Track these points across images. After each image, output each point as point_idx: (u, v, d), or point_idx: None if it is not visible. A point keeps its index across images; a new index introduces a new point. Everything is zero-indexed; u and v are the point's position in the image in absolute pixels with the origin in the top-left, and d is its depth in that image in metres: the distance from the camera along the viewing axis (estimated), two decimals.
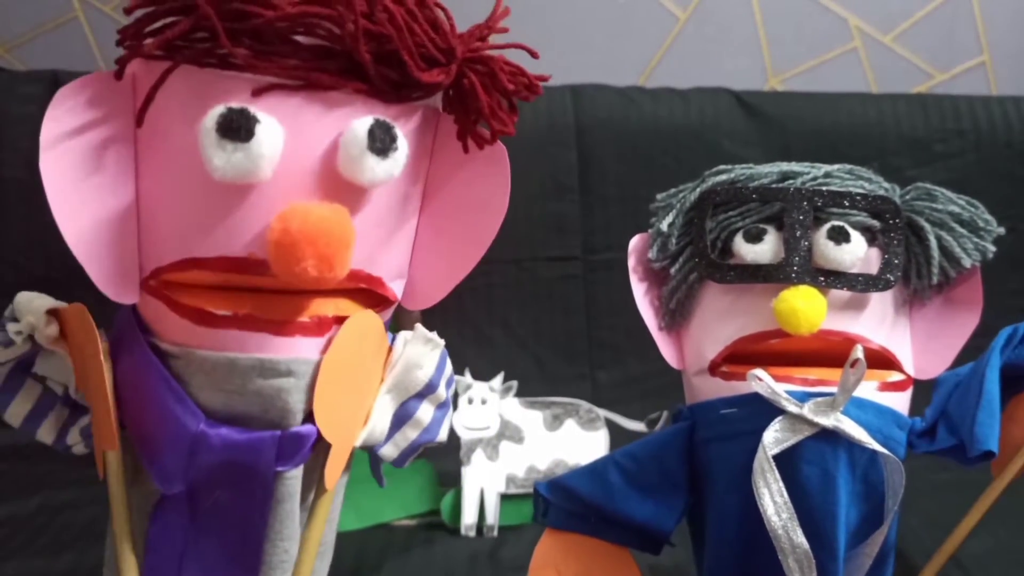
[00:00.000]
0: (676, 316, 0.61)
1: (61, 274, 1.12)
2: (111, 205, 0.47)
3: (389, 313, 0.55)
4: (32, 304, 0.49)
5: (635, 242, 0.63)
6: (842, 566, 0.52)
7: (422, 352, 0.53)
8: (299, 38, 0.46)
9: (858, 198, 0.57)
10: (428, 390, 0.54)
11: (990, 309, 0.59)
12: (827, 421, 0.51)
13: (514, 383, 0.92)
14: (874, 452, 0.52)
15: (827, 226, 0.56)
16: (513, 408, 0.91)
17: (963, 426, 0.53)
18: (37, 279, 1.11)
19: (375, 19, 0.46)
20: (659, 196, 0.63)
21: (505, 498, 0.88)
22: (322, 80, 0.46)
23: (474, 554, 0.82)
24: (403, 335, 0.54)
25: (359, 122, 0.46)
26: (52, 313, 0.49)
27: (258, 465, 0.47)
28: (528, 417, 0.91)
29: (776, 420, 0.52)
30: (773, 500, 0.51)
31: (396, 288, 0.54)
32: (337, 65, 0.47)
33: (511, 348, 1.16)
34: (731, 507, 0.55)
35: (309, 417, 0.49)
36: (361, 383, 0.51)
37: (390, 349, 0.53)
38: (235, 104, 0.44)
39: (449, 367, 0.56)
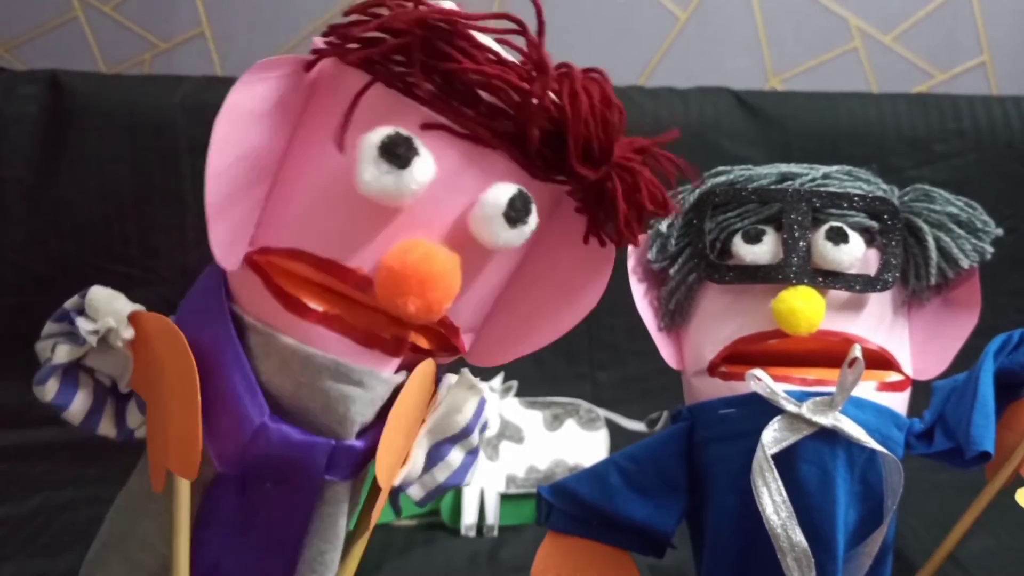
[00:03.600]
0: (675, 317, 0.61)
1: (61, 274, 1.13)
2: (253, 175, 0.48)
3: (448, 363, 0.55)
4: (113, 305, 0.48)
5: None
6: (841, 565, 0.52)
7: (464, 397, 0.53)
8: (482, 92, 0.47)
9: (856, 199, 0.57)
10: (463, 435, 0.54)
11: (989, 309, 0.59)
12: (826, 420, 0.52)
13: (514, 383, 0.92)
14: (873, 452, 0.52)
15: (826, 227, 0.56)
16: (513, 408, 0.91)
17: (959, 429, 0.53)
18: (37, 279, 1.11)
19: (559, 101, 0.47)
20: None
21: (505, 498, 0.88)
22: (486, 137, 0.47)
23: (474, 554, 0.82)
24: (448, 378, 0.54)
25: (504, 187, 0.47)
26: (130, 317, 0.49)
27: (308, 468, 0.48)
28: (528, 417, 0.91)
29: (775, 420, 0.52)
30: (772, 499, 0.51)
31: (466, 340, 0.54)
32: (503, 129, 0.47)
33: None
34: (730, 507, 0.55)
35: (362, 431, 0.50)
36: (411, 427, 0.52)
37: (435, 391, 0.54)
38: (404, 131, 0.45)
39: (485, 414, 0.57)
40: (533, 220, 0.49)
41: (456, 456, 0.55)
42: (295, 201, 0.48)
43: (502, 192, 0.47)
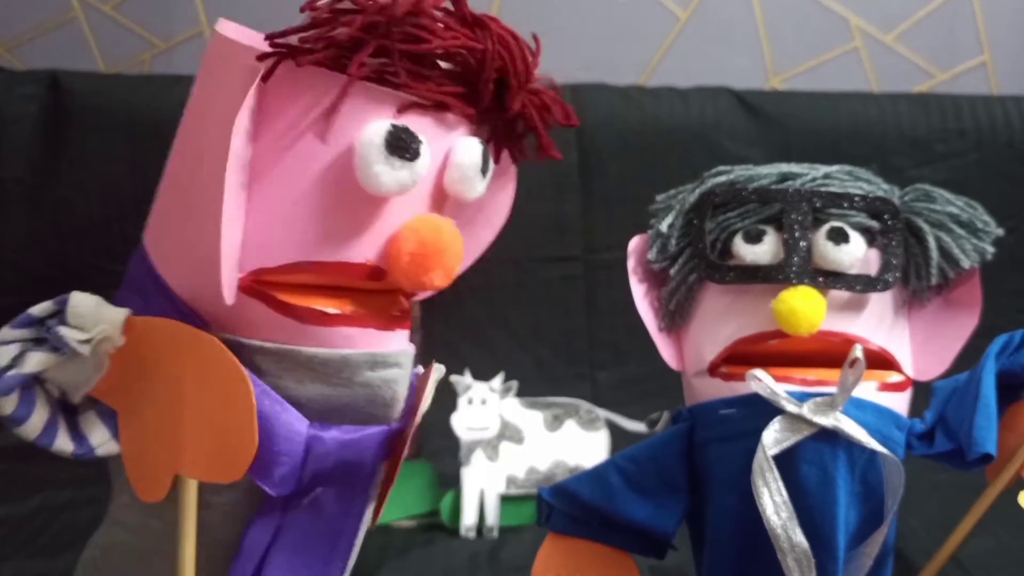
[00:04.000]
0: (676, 317, 0.61)
1: (61, 274, 1.13)
2: (239, 206, 0.47)
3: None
4: (102, 312, 0.46)
5: (635, 243, 0.63)
6: (841, 566, 0.52)
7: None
8: (441, 62, 0.50)
9: (857, 199, 0.57)
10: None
11: (990, 309, 0.59)
12: (826, 421, 0.52)
13: (514, 383, 0.91)
14: (873, 452, 0.52)
15: (826, 227, 0.56)
16: (513, 408, 0.91)
17: (961, 430, 0.53)
18: (37, 279, 1.11)
19: (499, 54, 0.50)
20: (659, 197, 0.64)
21: (505, 499, 0.88)
22: (447, 101, 0.49)
23: (474, 555, 0.82)
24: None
25: (467, 143, 0.50)
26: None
27: (367, 461, 0.49)
28: (528, 417, 0.91)
29: (775, 420, 0.52)
30: (772, 500, 0.51)
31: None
32: (460, 92, 0.50)
33: (511, 348, 1.16)
34: (730, 507, 0.55)
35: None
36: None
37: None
38: (397, 122, 0.47)
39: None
40: (491, 163, 0.52)
41: None
42: (281, 215, 0.47)
43: (472, 150, 0.50)
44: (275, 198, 0.47)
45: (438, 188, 0.50)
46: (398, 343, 0.51)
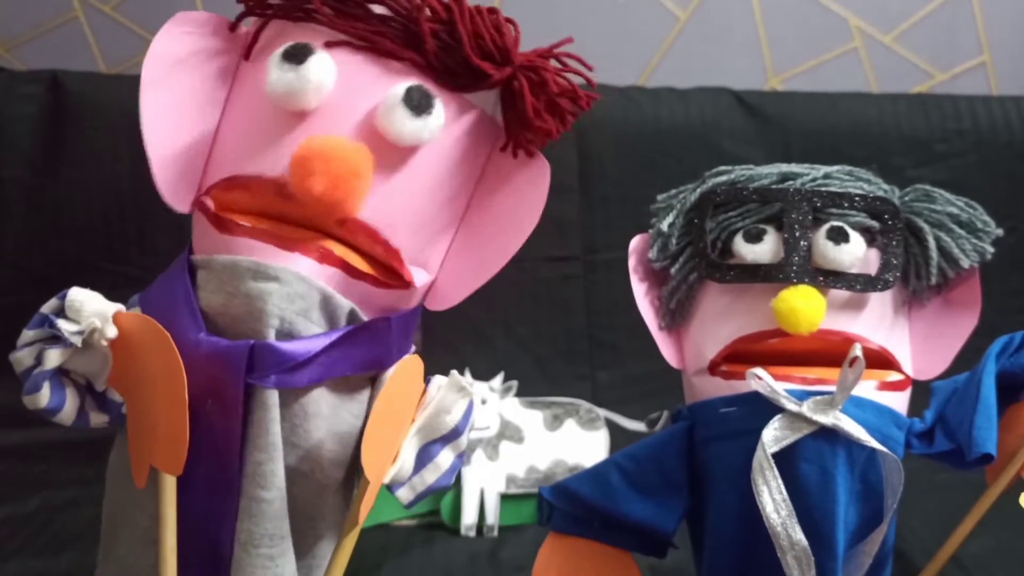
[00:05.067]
0: (676, 316, 0.61)
1: (61, 274, 1.13)
2: (192, 124, 0.54)
3: (407, 300, 0.56)
4: (94, 304, 0.49)
5: (635, 242, 0.63)
6: (841, 564, 0.52)
7: (453, 399, 0.54)
8: (374, 8, 0.53)
9: (857, 199, 0.57)
10: (452, 435, 0.55)
11: (990, 309, 0.59)
12: (826, 419, 0.52)
13: (514, 383, 0.92)
14: (873, 451, 0.52)
15: (826, 226, 0.56)
16: (513, 408, 0.91)
17: (960, 431, 0.53)
18: (37, 279, 1.11)
19: (446, 5, 0.53)
20: (659, 197, 0.64)
21: (505, 498, 0.88)
22: (384, 44, 0.53)
23: (474, 554, 0.82)
24: (437, 379, 0.55)
25: (404, 82, 0.52)
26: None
27: (232, 372, 0.50)
28: (528, 417, 0.91)
29: (775, 418, 0.52)
30: (772, 498, 0.51)
31: (417, 275, 0.56)
32: (400, 38, 0.53)
33: (511, 348, 1.16)
34: (730, 506, 0.55)
35: (291, 338, 0.51)
36: (398, 423, 0.53)
37: (424, 391, 0.55)
38: (303, 41, 0.52)
39: (474, 416, 0.58)
40: (439, 114, 0.53)
41: (446, 457, 0.55)
42: (226, 136, 0.54)
43: (400, 86, 0.52)
44: (225, 124, 0.55)
45: (370, 127, 0.52)
46: (292, 263, 0.51)
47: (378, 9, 0.54)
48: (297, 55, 0.51)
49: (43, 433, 0.96)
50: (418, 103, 0.52)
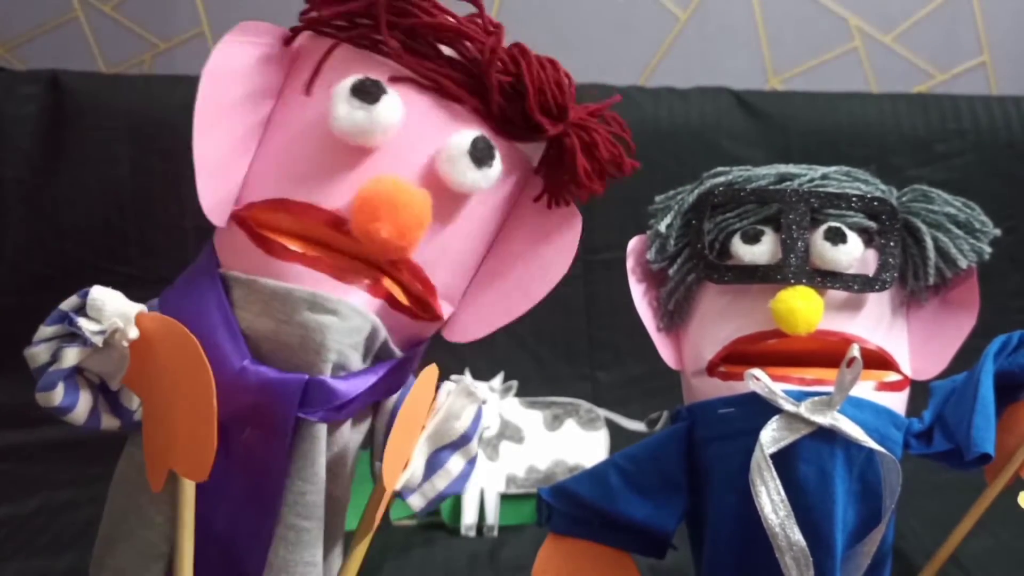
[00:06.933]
0: (674, 317, 0.61)
1: (61, 274, 1.13)
2: (239, 137, 0.53)
3: (429, 330, 0.57)
4: (116, 305, 0.48)
5: (634, 243, 0.63)
6: (839, 565, 0.52)
7: (462, 404, 0.55)
8: (444, 48, 0.53)
9: (855, 200, 0.57)
10: (462, 441, 0.56)
11: (989, 309, 0.59)
12: (824, 420, 0.52)
13: (514, 383, 0.92)
14: (871, 451, 0.52)
15: (824, 227, 0.56)
16: (513, 408, 0.91)
17: (959, 431, 0.54)
18: (37, 279, 1.11)
19: (513, 57, 0.52)
20: (657, 198, 0.64)
21: (505, 498, 0.88)
22: (449, 88, 0.52)
23: (474, 554, 0.82)
24: (447, 386, 0.56)
25: (468, 131, 0.52)
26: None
27: (283, 405, 0.49)
28: (528, 417, 0.91)
29: (773, 419, 0.52)
30: (770, 498, 0.51)
31: (444, 308, 0.56)
32: (466, 83, 0.52)
33: (511, 348, 1.16)
34: (729, 506, 0.55)
35: (343, 375, 0.51)
36: (413, 431, 0.54)
37: (434, 397, 0.56)
38: (373, 76, 0.50)
39: (483, 422, 0.58)
40: (498, 166, 0.53)
41: (456, 463, 0.56)
42: (274, 156, 0.52)
43: (466, 135, 0.52)
44: (271, 141, 0.53)
45: (430, 170, 0.52)
46: (350, 296, 0.51)
47: (446, 51, 0.53)
48: (369, 93, 0.49)
49: (43, 433, 0.97)
50: (482, 155, 0.52)
